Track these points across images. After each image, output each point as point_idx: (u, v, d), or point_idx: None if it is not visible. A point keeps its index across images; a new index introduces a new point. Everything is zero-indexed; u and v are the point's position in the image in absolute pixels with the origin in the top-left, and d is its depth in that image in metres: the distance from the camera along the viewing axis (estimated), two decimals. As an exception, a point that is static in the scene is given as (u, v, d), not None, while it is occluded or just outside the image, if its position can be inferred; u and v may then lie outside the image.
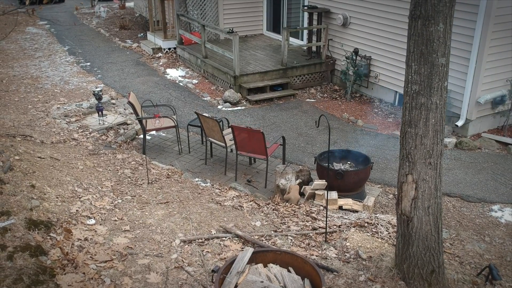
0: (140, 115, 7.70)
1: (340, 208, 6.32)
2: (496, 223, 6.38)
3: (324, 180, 6.48)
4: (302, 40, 12.40)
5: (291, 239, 5.21)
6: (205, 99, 10.53)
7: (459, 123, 8.63)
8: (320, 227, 5.51)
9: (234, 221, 5.58)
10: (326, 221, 5.32)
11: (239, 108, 10.08)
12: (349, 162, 6.90)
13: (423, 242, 4.29)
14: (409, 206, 4.24)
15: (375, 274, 4.56)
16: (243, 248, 4.97)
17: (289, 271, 4.03)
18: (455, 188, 7.15)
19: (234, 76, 10.39)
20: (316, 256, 4.89)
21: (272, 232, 5.36)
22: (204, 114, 7.94)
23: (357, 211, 6.25)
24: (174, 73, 12.09)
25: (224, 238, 5.11)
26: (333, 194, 6.36)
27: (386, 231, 5.47)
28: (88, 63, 12.83)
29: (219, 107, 10.09)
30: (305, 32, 12.08)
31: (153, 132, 8.63)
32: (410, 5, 3.74)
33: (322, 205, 6.30)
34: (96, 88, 8.47)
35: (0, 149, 5.83)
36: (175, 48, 13.51)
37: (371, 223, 5.60)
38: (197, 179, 7.07)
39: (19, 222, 4.70)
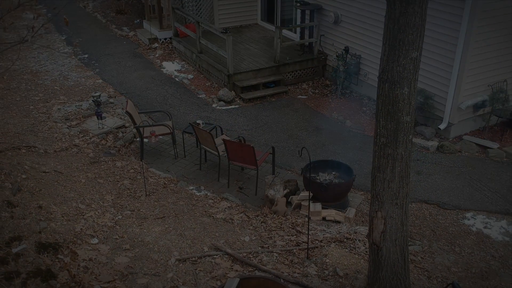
0: (138, 123, 8.12)
1: (324, 219, 6.84)
2: (467, 232, 6.92)
3: (310, 192, 6.97)
4: (295, 33, 12.65)
5: (276, 256, 5.76)
6: (200, 96, 10.90)
7: (442, 126, 9.05)
8: (303, 242, 6.04)
9: (225, 236, 6.11)
10: (308, 238, 5.84)
11: (233, 107, 10.47)
12: (333, 173, 7.38)
13: (391, 268, 4.82)
14: (379, 238, 4.74)
15: (349, 293, 5.12)
16: (232, 266, 5.52)
17: (270, 297, 4.58)
18: (433, 195, 7.66)
19: (228, 74, 10.73)
20: (298, 273, 5.44)
21: (259, 248, 5.90)
22: (198, 121, 8.35)
23: (339, 222, 6.78)
24: (170, 67, 12.39)
25: (215, 256, 5.65)
26: (317, 206, 6.88)
27: (363, 246, 6.00)
28: (86, 55, 13.10)
29: (214, 105, 10.48)
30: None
31: (151, 136, 9.06)
32: (379, 69, 4.12)
33: (307, 216, 6.81)
34: (95, 93, 8.83)
35: (8, 170, 6.29)
36: (171, 38, 13.74)
37: (350, 238, 6.13)
38: (191, 187, 7.56)
39: (30, 246, 5.22)
